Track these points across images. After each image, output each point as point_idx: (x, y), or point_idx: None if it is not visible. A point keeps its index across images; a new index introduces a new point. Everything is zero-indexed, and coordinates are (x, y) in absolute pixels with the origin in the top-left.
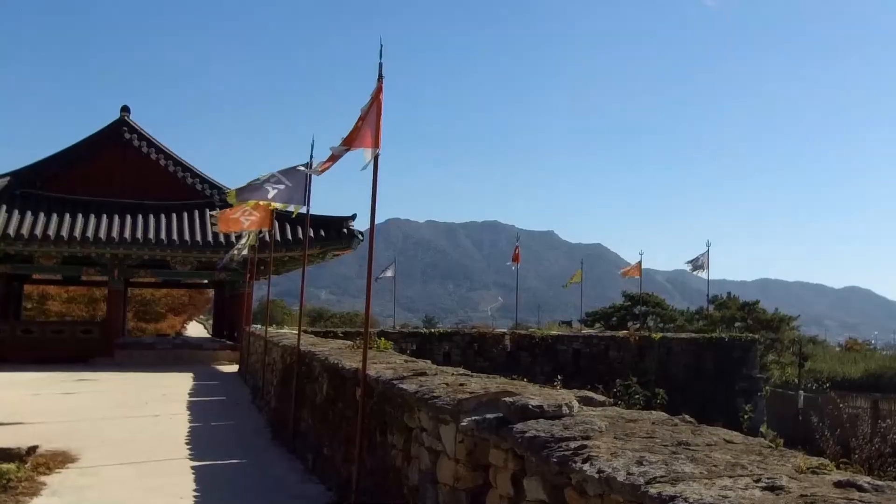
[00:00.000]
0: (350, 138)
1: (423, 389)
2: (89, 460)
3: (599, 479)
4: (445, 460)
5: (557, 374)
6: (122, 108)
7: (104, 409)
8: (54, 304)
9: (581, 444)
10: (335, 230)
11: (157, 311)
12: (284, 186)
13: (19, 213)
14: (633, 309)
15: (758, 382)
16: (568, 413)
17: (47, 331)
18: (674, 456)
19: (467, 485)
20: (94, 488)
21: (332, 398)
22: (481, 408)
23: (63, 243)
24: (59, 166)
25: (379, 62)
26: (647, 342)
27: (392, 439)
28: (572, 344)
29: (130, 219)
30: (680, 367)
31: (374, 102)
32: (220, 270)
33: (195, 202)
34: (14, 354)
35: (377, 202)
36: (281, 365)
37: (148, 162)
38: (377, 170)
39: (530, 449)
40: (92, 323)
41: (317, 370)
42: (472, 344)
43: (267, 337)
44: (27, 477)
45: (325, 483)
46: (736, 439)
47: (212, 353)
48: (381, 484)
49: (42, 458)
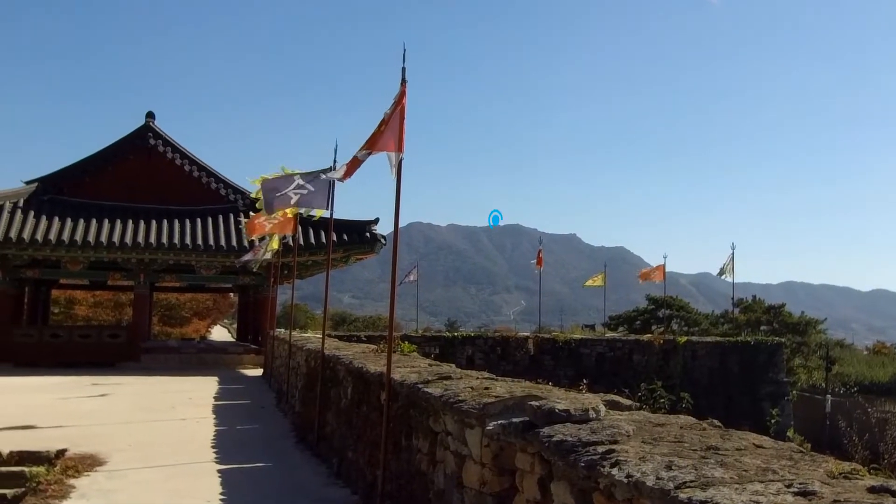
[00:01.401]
0: (373, 142)
1: (448, 393)
2: (117, 463)
3: (628, 484)
4: (471, 464)
5: (581, 377)
6: (147, 113)
7: (131, 412)
8: (81, 308)
9: (609, 449)
10: (358, 234)
11: (181, 316)
12: (307, 191)
13: (47, 219)
14: (657, 312)
15: (784, 386)
16: (595, 417)
17: (74, 335)
18: (703, 461)
19: (493, 489)
20: (121, 491)
21: (357, 402)
22: (507, 412)
23: (90, 248)
24: (85, 172)
25: (402, 66)
26: (671, 346)
27: (417, 443)
28: (596, 348)
29: (156, 224)
30: (705, 371)
31: (397, 106)
32: (240, 267)
33: (219, 207)
34: (42, 358)
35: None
36: (305, 369)
37: (172, 167)
38: (401, 174)
39: (557, 453)
40: (118, 327)
41: (341, 374)
42: (495, 348)
43: (291, 341)
44: (56, 480)
45: (350, 487)
46: (766, 444)
47: (236, 357)
48: (407, 488)
49: (71, 461)
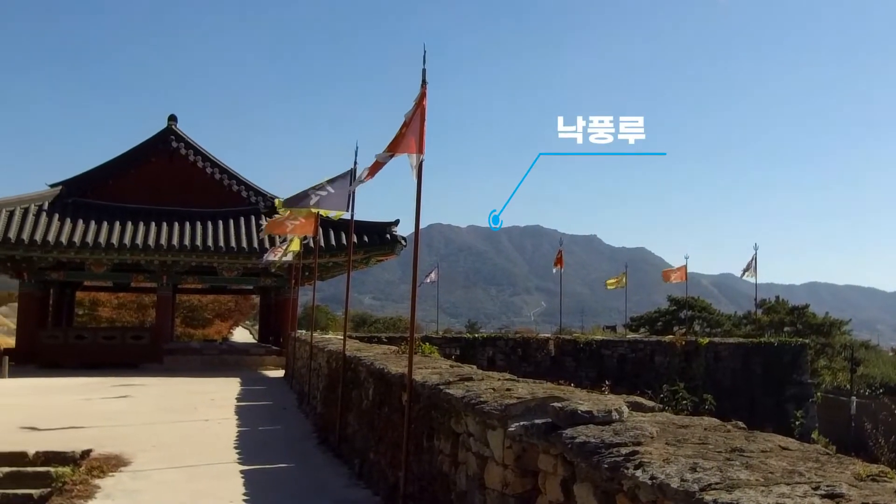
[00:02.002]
0: (394, 144)
1: (470, 394)
2: (141, 464)
3: (652, 486)
4: (493, 466)
5: (602, 379)
6: (169, 117)
7: (154, 413)
8: (105, 310)
9: (632, 450)
10: (378, 236)
11: (204, 317)
12: (327, 193)
13: (71, 222)
14: (679, 313)
15: (809, 388)
16: (618, 418)
17: (98, 337)
18: (728, 462)
19: (516, 490)
20: (146, 492)
21: (378, 403)
22: (529, 413)
23: (113, 250)
24: (108, 175)
25: (422, 67)
26: (693, 347)
27: (439, 444)
28: (617, 349)
29: (178, 226)
30: (727, 373)
31: (418, 107)
32: (261, 269)
33: (241, 209)
34: (67, 360)
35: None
36: (327, 370)
37: (194, 169)
38: (421, 175)
39: (580, 455)
40: (141, 329)
41: (362, 375)
42: (515, 349)
43: (312, 342)
44: (81, 480)
45: (372, 488)
46: (791, 446)
47: (258, 359)
48: (429, 489)
49: (95, 461)
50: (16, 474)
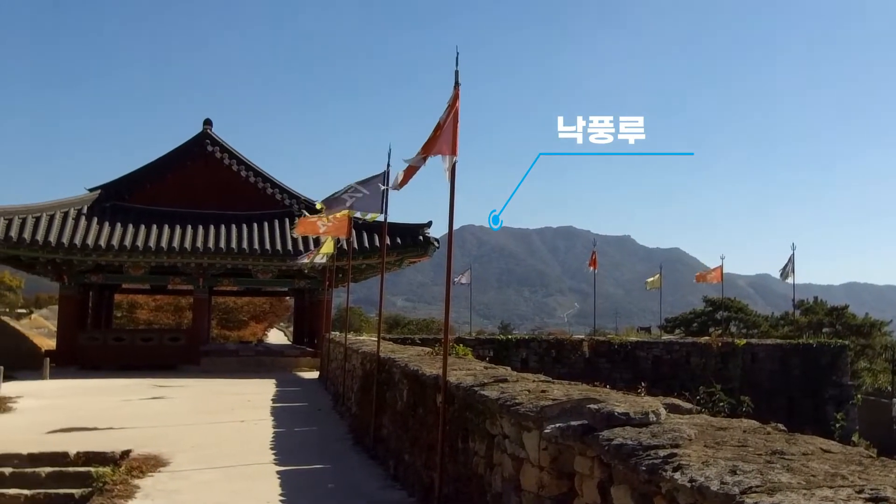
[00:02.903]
0: (427, 147)
1: (505, 396)
2: (179, 464)
3: (691, 488)
4: (529, 467)
5: (637, 381)
6: (204, 121)
7: (192, 414)
8: (143, 312)
9: (670, 453)
10: (411, 237)
11: (239, 319)
12: (361, 195)
13: (109, 225)
14: (715, 314)
15: (849, 390)
16: (655, 420)
17: (137, 338)
18: (769, 465)
19: (552, 492)
20: (184, 492)
21: (413, 405)
22: (564, 415)
23: (151, 253)
24: (145, 179)
25: (455, 69)
26: (730, 348)
27: (474, 446)
28: (652, 350)
29: (213, 229)
30: (765, 374)
31: (451, 109)
32: (295, 271)
33: (275, 211)
34: (106, 361)
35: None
36: (361, 371)
37: (230, 173)
38: (455, 177)
39: (617, 457)
40: (179, 330)
41: (397, 377)
42: (549, 350)
43: (346, 344)
44: (122, 480)
45: (407, 489)
46: (833, 448)
47: (293, 360)
48: (464, 491)
49: (135, 461)
50: (57, 474)
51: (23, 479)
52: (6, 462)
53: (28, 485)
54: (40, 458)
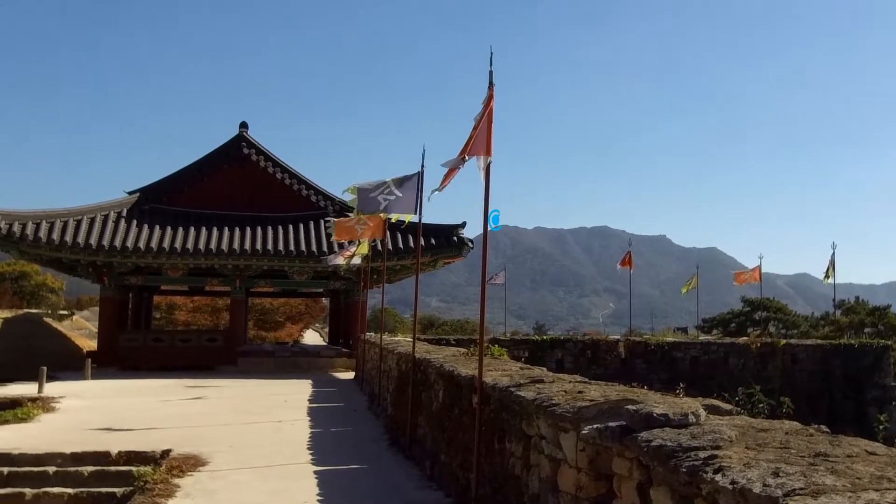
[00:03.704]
0: (465, 148)
1: (542, 397)
2: (218, 464)
3: (733, 491)
4: (566, 469)
5: (674, 382)
6: (240, 124)
7: (230, 414)
8: (181, 313)
9: (711, 454)
10: (445, 238)
11: (275, 320)
12: (395, 197)
13: (148, 228)
14: (753, 314)
15: (892, 391)
16: (694, 422)
17: (175, 339)
18: (812, 467)
19: (590, 494)
20: (223, 491)
21: (449, 405)
22: (602, 416)
23: (189, 255)
24: (183, 182)
25: (489, 69)
26: (769, 349)
27: (510, 447)
28: (689, 351)
29: (250, 230)
30: (805, 375)
31: (486, 110)
32: (330, 272)
33: (310, 213)
34: (145, 362)
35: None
36: (396, 372)
37: (265, 175)
38: (489, 177)
39: (657, 458)
40: (216, 331)
41: (432, 377)
42: (584, 351)
43: (382, 344)
44: (162, 479)
45: (444, 490)
46: (878, 451)
47: (328, 361)
48: (501, 491)
49: (175, 461)
50: (100, 473)
51: (66, 477)
52: (50, 461)
53: (71, 483)
54: (83, 458)
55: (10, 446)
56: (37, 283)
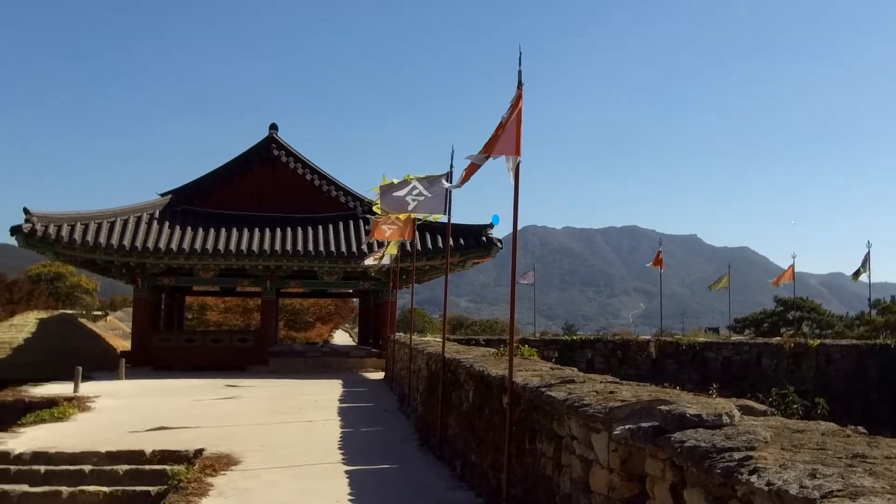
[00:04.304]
0: (489, 146)
1: (573, 397)
2: (250, 463)
3: (769, 492)
4: (598, 469)
5: (706, 382)
6: (270, 126)
7: (261, 414)
8: (213, 314)
9: (746, 455)
10: (474, 238)
11: (305, 320)
12: (424, 197)
13: (180, 229)
14: (787, 314)
15: None
16: (728, 422)
17: (207, 340)
18: (850, 469)
19: (622, 495)
20: (255, 490)
21: (479, 405)
22: (634, 416)
23: (220, 256)
24: (214, 183)
25: (518, 69)
26: (802, 349)
27: (541, 447)
28: (721, 351)
29: (280, 231)
30: (840, 376)
31: (514, 109)
32: (360, 272)
33: (339, 214)
34: (178, 362)
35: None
36: (426, 372)
37: (295, 176)
38: (518, 177)
39: (690, 459)
40: (247, 332)
41: (462, 377)
42: (615, 351)
43: (411, 345)
44: (195, 478)
45: (475, 490)
46: None
47: (358, 361)
48: (532, 492)
49: (208, 460)
50: (134, 472)
51: (102, 476)
52: (86, 459)
53: (107, 482)
54: (118, 457)
55: (48, 445)
56: (72, 284)
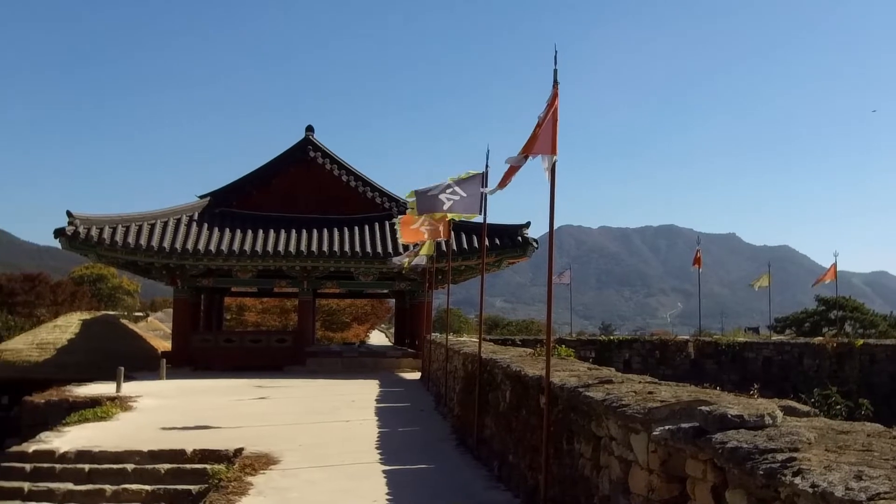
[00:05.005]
0: (528, 146)
1: (611, 397)
2: (289, 463)
3: (814, 494)
4: (637, 470)
5: (746, 382)
6: (306, 127)
7: (299, 414)
8: (251, 314)
9: (789, 457)
10: (510, 238)
11: (342, 321)
12: (459, 197)
13: (219, 231)
14: (829, 314)
15: None
16: (771, 423)
17: (246, 340)
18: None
19: (662, 496)
20: (294, 489)
21: (516, 406)
22: (673, 417)
23: (258, 257)
24: (251, 185)
25: (554, 68)
26: (845, 349)
27: (579, 448)
28: (762, 351)
29: (316, 233)
30: (885, 377)
31: (550, 108)
32: (396, 273)
33: (375, 215)
34: (217, 362)
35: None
36: (462, 372)
37: (331, 177)
38: (555, 176)
39: (732, 460)
40: (285, 332)
41: (499, 378)
42: (653, 351)
43: (447, 345)
44: (235, 477)
45: (512, 490)
46: None
47: (394, 361)
48: (570, 492)
49: (248, 459)
50: (176, 471)
51: (144, 474)
52: (129, 458)
53: (149, 480)
54: (160, 455)
55: (92, 444)
56: (113, 286)
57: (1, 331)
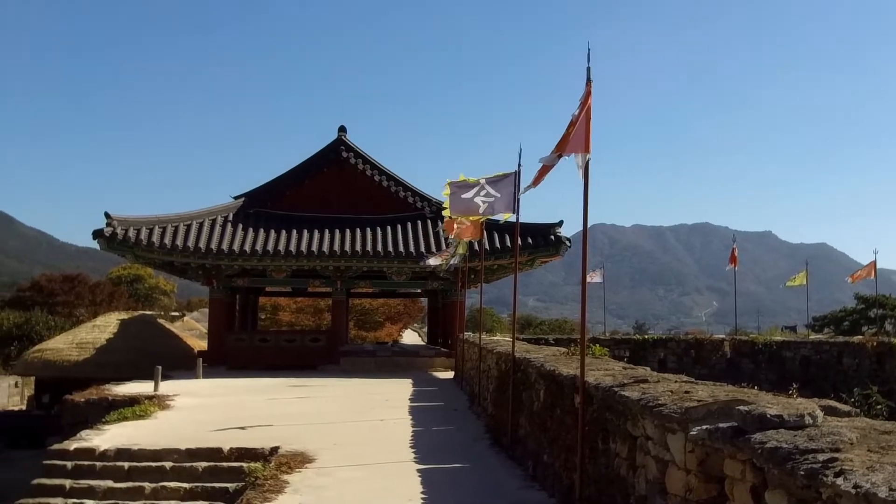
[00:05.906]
0: (561, 145)
1: (647, 397)
2: (324, 461)
3: (856, 495)
4: (674, 470)
5: (784, 382)
6: (339, 128)
7: (334, 413)
8: (285, 314)
9: (830, 457)
10: (542, 237)
11: (375, 320)
12: (494, 198)
13: (253, 231)
14: (868, 312)
15: None
16: (811, 423)
17: (280, 339)
18: None
19: (700, 496)
20: (330, 488)
21: (550, 405)
22: (711, 416)
23: (292, 257)
24: (285, 185)
25: (587, 66)
26: (886, 348)
27: (615, 447)
28: (800, 350)
29: (349, 233)
30: None
31: (583, 107)
32: (429, 272)
33: (407, 214)
34: (252, 362)
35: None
36: (496, 372)
37: (363, 178)
38: (588, 175)
39: (772, 461)
40: (319, 332)
41: (533, 377)
42: (688, 351)
43: (481, 344)
44: (271, 476)
45: (547, 490)
46: None
47: (428, 360)
48: (606, 492)
49: (283, 458)
50: (213, 469)
51: (182, 472)
52: (167, 456)
53: (187, 478)
54: (197, 454)
55: (131, 442)
56: (150, 286)
57: (42, 330)
